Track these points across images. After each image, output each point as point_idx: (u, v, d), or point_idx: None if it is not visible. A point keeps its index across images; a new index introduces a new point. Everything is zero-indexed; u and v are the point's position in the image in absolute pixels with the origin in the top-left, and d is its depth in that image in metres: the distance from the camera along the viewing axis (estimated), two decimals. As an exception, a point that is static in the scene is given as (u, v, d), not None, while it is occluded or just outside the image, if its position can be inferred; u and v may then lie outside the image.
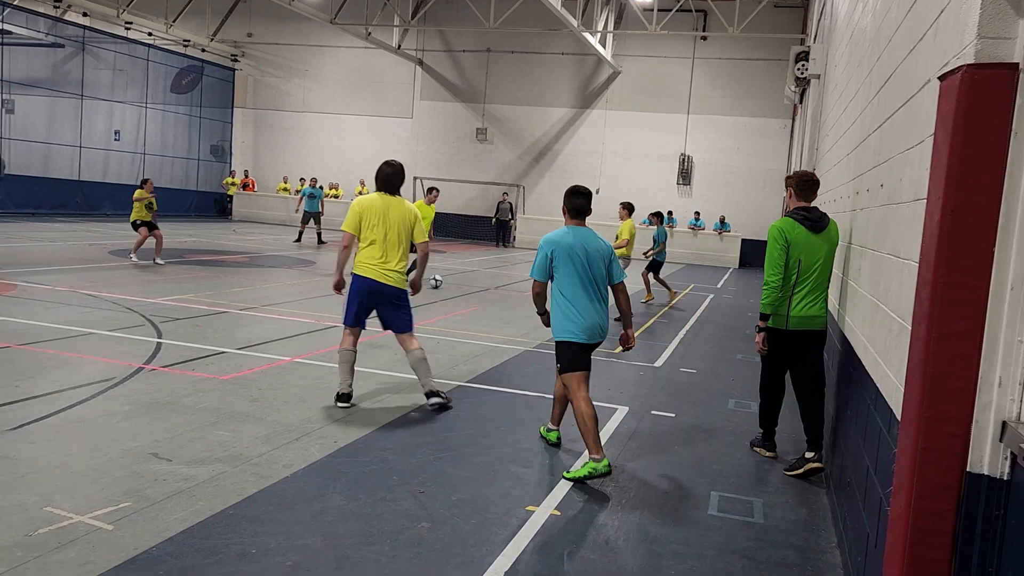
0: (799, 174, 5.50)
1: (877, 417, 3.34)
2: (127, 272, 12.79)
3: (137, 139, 28.80)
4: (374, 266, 6.06)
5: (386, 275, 6.09)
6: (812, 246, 5.25)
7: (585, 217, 5.37)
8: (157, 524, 3.73)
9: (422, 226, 6.30)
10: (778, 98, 24.78)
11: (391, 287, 6.13)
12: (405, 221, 6.18)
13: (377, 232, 6.08)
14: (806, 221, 5.27)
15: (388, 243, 6.09)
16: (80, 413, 5.35)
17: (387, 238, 6.09)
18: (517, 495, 4.50)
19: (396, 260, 6.13)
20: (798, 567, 3.89)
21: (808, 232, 5.25)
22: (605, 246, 5.29)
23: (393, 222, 6.12)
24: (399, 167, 6.33)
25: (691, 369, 8.55)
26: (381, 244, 6.08)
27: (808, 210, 5.32)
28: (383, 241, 6.08)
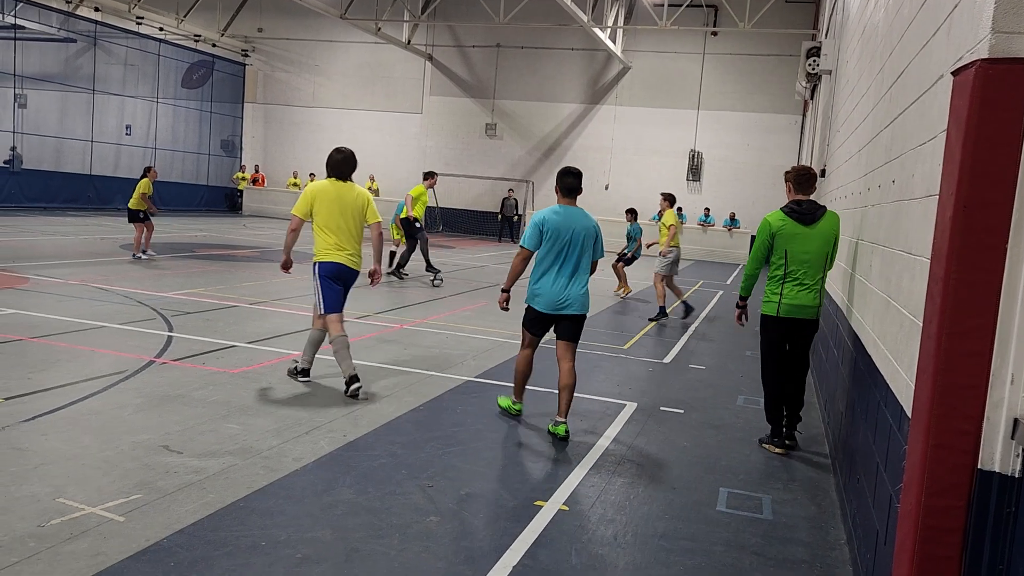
0: (796, 168, 5.69)
1: (887, 413, 3.33)
2: (138, 266, 12.86)
3: (148, 134, 28.93)
4: (339, 252, 6.24)
5: (351, 260, 6.31)
6: (801, 238, 5.46)
7: (575, 196, 5.79)
8: (168, 516, 3.76)
9: (374, 208, 6.49)
10: (789, 94, 24.66)
11: (355, 271, 6.35)
12: (357, 206, 6.34)
13: (332, 218, 6.23)
14: (794, 214, 5.49)
15: (343, 229, 6.27)
16: (92, 405, 5.39)
17: (342, 224, 6.26)
18: (526, 490, 4.51)
19: (354, 244, 6.34)
20: (807, 564, 3.89)
21: (797, 224, 5.46)
22: (592, 224, 5.72)
23: (346, 207, 6.27)
24: (349, 153, 6.42)
25: (700, 365, 8.53)
26: (336, 230, 6.24)
27: (799, 203, 5.53)
28: (338, 227, 6.25)
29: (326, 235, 6.23)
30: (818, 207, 5.54)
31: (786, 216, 5.51)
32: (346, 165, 6.39)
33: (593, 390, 7.03)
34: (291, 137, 32.51)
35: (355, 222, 6.32)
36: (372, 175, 30.13)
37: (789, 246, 5.45)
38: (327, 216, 6.21)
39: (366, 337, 8.49)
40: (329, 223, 6.22)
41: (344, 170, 6.38)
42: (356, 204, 6.32)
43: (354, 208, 6.30)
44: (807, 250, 5.44)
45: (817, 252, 5.46)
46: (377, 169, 30.61)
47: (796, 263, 5.46)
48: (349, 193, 6.32)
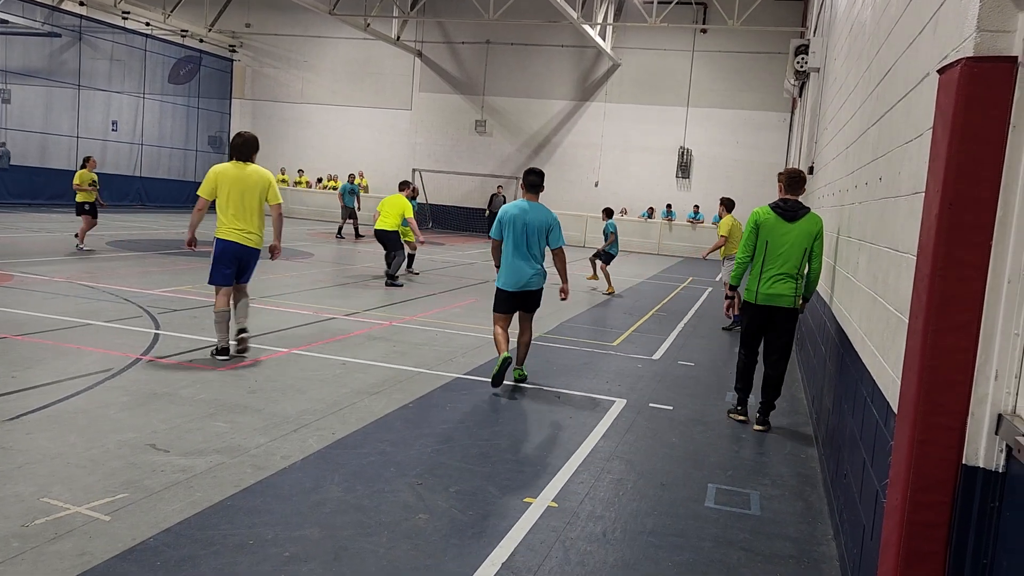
0: (788, 171, 6.24)
1: (874, 410, 3.34)
2: (124, 263, 12.78)
3: (135, 130, 28.72)
4: (236, 231, 6.82)
5: (247, 238, 6.87)
6: (780, 231, 5.96)
7: (537, 192, 6.87)
8: (154, 515, 3.73)
9: (275, 189, 7.03)
10: (777, 91, 24.74)
11: (251, 248, 6.94)
12: (259, 187, 6.89)
13: (233, 199, 6.78)
14: (778, 209, 6.02)
15: (244, 209, 6.83)
16: (77, 404, 5.35)
17: (243, 204, 6.82)
18: (515, 487, 4.51)
19: (254, 223, 6.91)
20: (794, 559, 3.91)
21: (779, 219, 5.99)
22: (546, 219, 6.76)
23: (248, 188, 6.83)
24: (250, 137, 7.02)
25: (689, 362, 8.56)
26: (237, 210, 6.80)
27: (785, 201, 6.07)
28: (239, 207, 6.80)
29: (225, 214, 6.81)
30: (801, 207, 6.03)
31: (771, 210, 6.05)
32: (247, 148, 6.95)
33: (582, 387, 7.04)
34: (279, 133, 32.35)
35: (255, 203, 6.88)
36: (361, 171, 30.05)
37: (769, 238, 5.99)
38: (227, 197, 6.77)
39: (355, 334, 8.47)
40: (229, 203, 6.78)
41: (245, 152, 6.93)
42: (259, 185, 6.87)
43: (255, 189, 6.84)
44: (784, 243, 5.95)
45: (793, 247, 5.94)
46: (366, 165, 30.55)
47: (773, 255, 6.00)
48: (251, 176, 6.86)
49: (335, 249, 18.52)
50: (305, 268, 14.29)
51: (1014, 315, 2.19)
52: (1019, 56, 2.19)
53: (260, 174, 6.95)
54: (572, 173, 28.96)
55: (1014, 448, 2.10)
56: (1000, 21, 2.23)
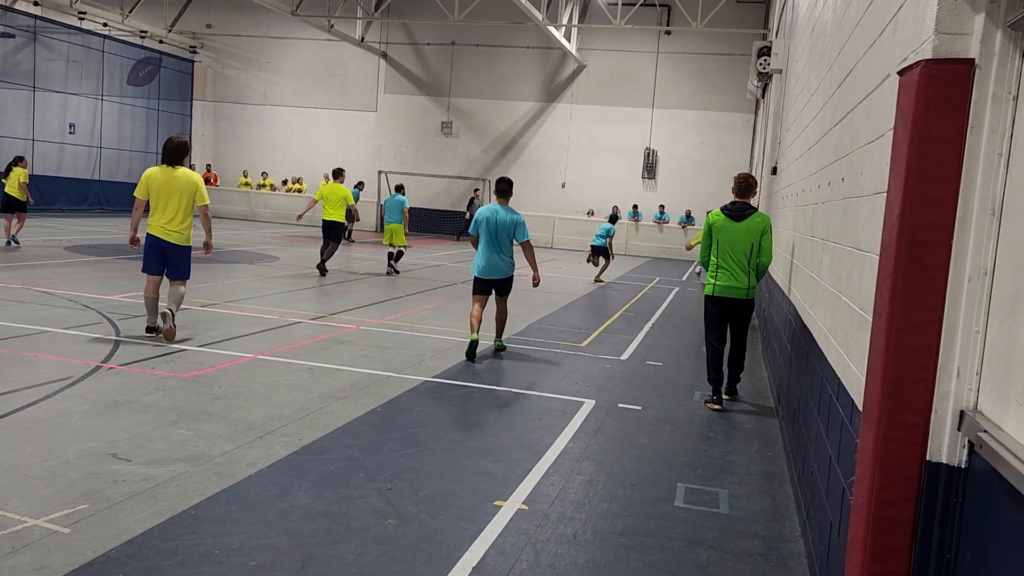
0: (738, 177, 6.97)
1: (839, 407, 3.38)
2: (83, 269, 12.50)
3: (93, 132, 28.12)
4: (161, 227, 7.72)
5: (168, 233, 7.74)
6: (729, 231, 6.70)
7: (507, 197, 8.28)
8: (116, 526, 3.65)
9: (203, 191, 7.89)
10: (741, 92, 25.04)
11: (172, 243, 7.79)
12: (187, 189, 7.71)
13: (161, 199, 7.65)
14: (727, 211, 6.77)
15: (170, 207, 7.68)
16: (35, 413, 5.21)
17: (169, 203, 7.67)
18: (484, 490, 4.48)
19: (175, 222, 7.74)
20: (763, 556, 3.94)
21: (727, 219, 6.73)
22: (513, 219, 8.17)
23: (175, 190, 7.65)
24: (180, 143, 7.83)
25: (657, 362, 8.61)
26: (163, 208, 7.67)
27: (734, 204, 6.80)
28: (166, 206, 7.67)
29: (153, 212, 7.73)
30: (748, 208, 6.76)
31: (721, 212, 6.80)
32: (177, 152, 7.77)
33: (551, 388, 7.04)
34: (242, 136, 31.95)
35: (181, 204, 7.70)
36: (326, 174, 29.76)
37: (720, 236, 6.75)
38: (156, 197, 7.66)
39: (322, 339, 8.38)
40: (157, 203, 7.68)
41: (174, 156, 7.74)
42: (187, 187, 7.71)
43: (183, 192, 7.68)
44: (732, 241, 6.68)
45: (740, 243, 6.67)
46: (331, 167, 30.26)
47: (724, 253, 6.73)
48: (179, 179, 7.69)
49: (300, 252, 18.33)
50: (270, 272, 14.11)
51: (975, 313, 2.23)
52: (976, 58, 2.23)
53: (188, 177, 7.75)
54: (539, 175, 29.02)
55: (976, 444, 2.13)
56: (957, 24, 2.26)
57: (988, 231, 2.22)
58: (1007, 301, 2.10)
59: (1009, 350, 2.05)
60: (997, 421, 2.08)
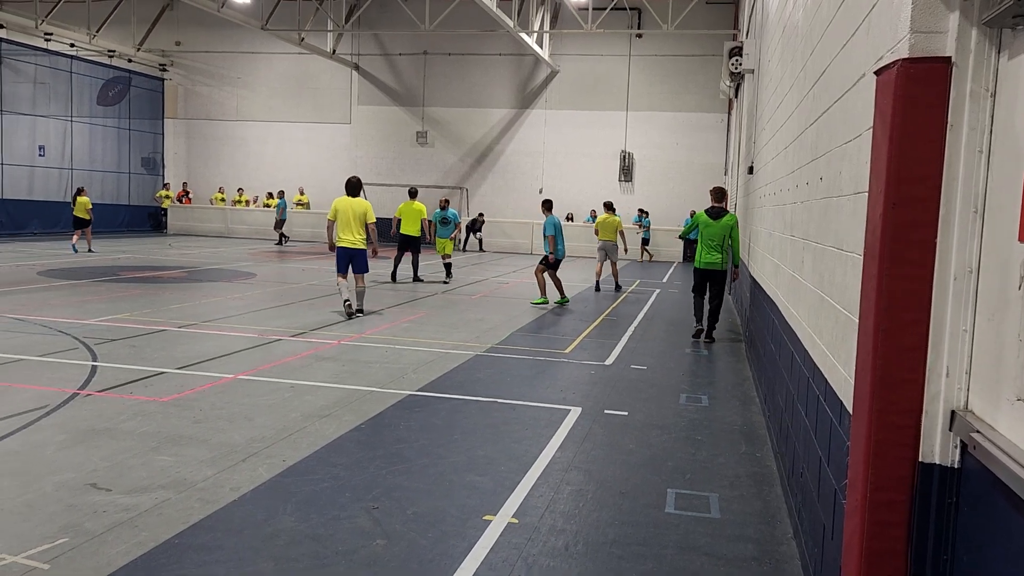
0: (714, 189, 10.71)
1: (827, 408, 3.37)
2: (57, 293, 12.30)
3: (63, 154, 27.79)
4: (348, 240, 10.83)
5: (353, 243, 10.86)
6: (710, 226, 10.26)
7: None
8: (98, 559, 3.55)
9: (371, 213, 10.96)
10: (714, 93, 25.23)
11: (357, 249, 10.90)
12: (361, 212, 10.82)
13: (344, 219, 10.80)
14: (709, 213, 10.34)
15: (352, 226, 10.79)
16: (9, 446, 5.09)
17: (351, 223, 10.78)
18: (473, 505, 4.43)
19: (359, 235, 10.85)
20: (756, 560, 3.91)
21: (709, 219, 10.28)
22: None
23: (355, 214, 10.77)
24: (358, 180, 11.17)
25: (641, 366, 8.59)
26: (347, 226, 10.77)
27: (712, 207, 10.37)
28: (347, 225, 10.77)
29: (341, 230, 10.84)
30: (723, 211, 10.34)
31: (705, 213, 10.38)
32: (355, 188, 11.12)
33: (536, 397, 7.00)
34: (215, 152, 31.70)
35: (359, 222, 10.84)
36: (301, 187, 29.63)
37: (704, 230, 10.29)
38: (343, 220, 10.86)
39: (302, 355, 8.29)
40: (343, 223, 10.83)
41: (353, 191, 11.13)
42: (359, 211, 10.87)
43: (357, 214, 10.81)
44: (712, 234, 10.24)
45: (716, 235, 10.21)
46: (306, 181, 30.15)
47: (705, 239, 10.28)
48: (356, 205, 10.88)
49: (277, 268, 18.17)
50: (248, 289, 13.97)
51: (962, 312, 2.22)
52: (952, 56, 2.22)
53: (361, 204, 10.91)
54: (516, 181, 29.05)
55: (968, 444, 2.11)
56: (932, 22, 2.26)
57: (972, 228, 2.20)
58: (994, 298, 2.09)
59: (998, 348, 2.04)
60: (989, 420, 2.06)
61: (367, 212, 10.92)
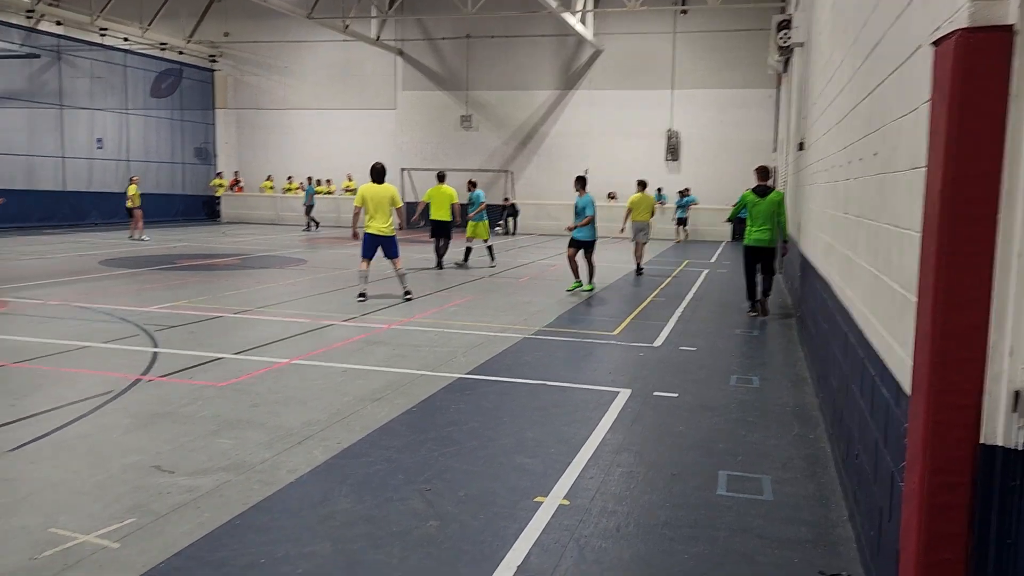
0: (758, 168, 10.78)
1: (883, 389, 3.30)
2: (118, 282, 12.70)
3: (120, 146, 28.55)
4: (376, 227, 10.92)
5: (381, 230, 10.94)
6: (757, 204, 10.41)
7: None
8: (164, 539, 3.69)
9: (397, 197, 10.98)
10: (761, 68, 24.66)
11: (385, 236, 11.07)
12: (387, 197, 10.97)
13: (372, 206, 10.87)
14: (755, 192, 10.45)
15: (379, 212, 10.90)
16: (79, 429, 5.29)
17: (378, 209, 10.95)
18: (524, 487, 4.46)
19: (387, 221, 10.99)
20: (811, 543, 3.87)
21: (756, 196, 10.43)
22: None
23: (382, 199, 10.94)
24: (382, 166, 11.07)
25: (690, 347, 8.52)
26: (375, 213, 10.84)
27: (759, 186, 10.49)
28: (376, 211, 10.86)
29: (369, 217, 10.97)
30: (768, 188, 10.45)
31: (752, 192, 10.50)
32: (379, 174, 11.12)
33: (584, 379, 7.00)
34: (264, 141, 32.19)
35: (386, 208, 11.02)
36: (349, 174, 29.92)
37: (751, 208, 10.45)
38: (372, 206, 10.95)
39: (354, 340, 8.42)
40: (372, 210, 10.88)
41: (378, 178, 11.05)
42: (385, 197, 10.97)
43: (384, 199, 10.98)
44: (759, 211, 10.39)
45: (765, 212, 10.34)
46: (353, 167, 30.39)
47: (753, 217, 10.44)
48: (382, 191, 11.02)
49: (327, 254, 18.45)
50: (299, 275, 14.22)
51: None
52: (1015, 24, 2.14)
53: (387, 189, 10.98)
54: (561, 163, 28.86)
55: (1033, 425, 2.06)
56: (993, -11, 2.17)
57: (1036, 203, 2.13)
58: (1060, 276, 2.02)
59: (1064, 327, 1.97)
60: (1055, 401, 2.00)
61: (394, 197, 10.97)
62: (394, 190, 11.16)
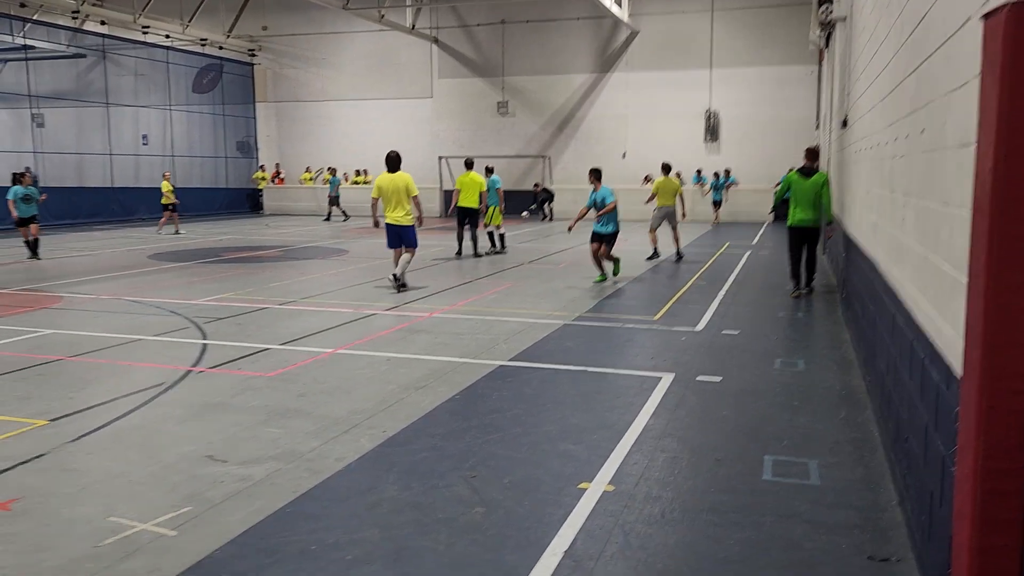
0: (808, 149, 10.83)
1: (933, 373, 3.24)
2: (167, 275, 13.00)
3: (164, 142, 29.15)
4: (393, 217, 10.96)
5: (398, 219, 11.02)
6: (802, 185, 10.42)
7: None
8: (218, 527, 3.79)
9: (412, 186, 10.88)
10: (802, 44, 24.15)
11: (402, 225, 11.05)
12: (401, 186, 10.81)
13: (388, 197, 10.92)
14: (800, 172, 10.52)
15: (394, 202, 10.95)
16: (135, 420, 5.46)
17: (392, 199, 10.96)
18: (569, 473, 4.49)
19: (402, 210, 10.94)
20: (859, 528, 3.83)
21: (801, 177, 10.47)
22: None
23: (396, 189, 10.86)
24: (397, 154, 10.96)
25: (733, 331, 8.43)
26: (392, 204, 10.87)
27: (804, 167, 10.54)
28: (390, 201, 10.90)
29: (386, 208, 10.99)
30: (813, 170, 10.52)
31: (797, 173, 10.57)
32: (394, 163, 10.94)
33: (626, 364, 6.99)
34: (303, 133, 32.55)
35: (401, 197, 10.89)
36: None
37: (795, 188, 10.45)
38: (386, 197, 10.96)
39: (396, 329, 8.51)
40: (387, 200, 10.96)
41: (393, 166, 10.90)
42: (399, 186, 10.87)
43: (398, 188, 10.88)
44: (804, 191, 10.40)
45: (809, 193, 10.38)
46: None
47: (797, 198, 10.43)
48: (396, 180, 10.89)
49: (368, 245, 18.63)
50: (341, 265, 14.39)
51: (1082, 269, 2.09)
52: (1069, -5, 2.07)
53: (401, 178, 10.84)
54: (599, 146, 28.68)
55: (1091, 408, 2.01)
56: (1046, -40, 2.10)
57: (1092, 181, 2.07)
58: (1118, 255, 1.96)
59: (1124, 307, 1.91)
60: (1114, 383, 1.95)
61: (408, 185, 10.73)
62: (408, 178, 10.93)
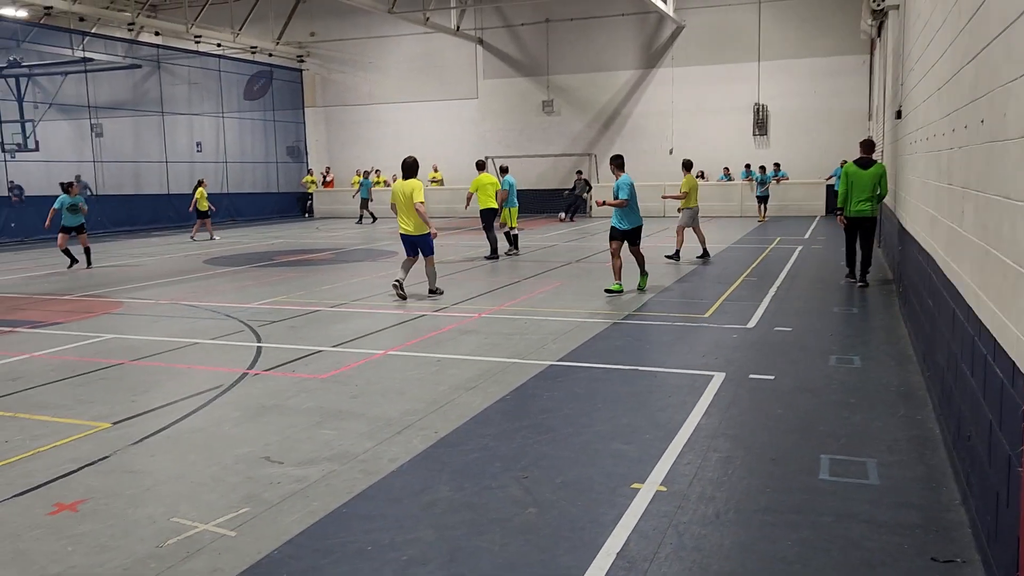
0: (863, 141, 10.88)
1: (997, 369, 3.15)
2: (221, 280, 13.32)
3: (217, 148, 29.87)
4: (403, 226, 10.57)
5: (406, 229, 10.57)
6: (860, 176, 10.60)
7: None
8: (276, 527, 3.88)
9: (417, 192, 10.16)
10: (853, 34, 23.60)
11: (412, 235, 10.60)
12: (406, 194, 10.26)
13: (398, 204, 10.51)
14: (858, 164, 10.67)
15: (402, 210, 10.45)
16: (194, 423, 5.61)
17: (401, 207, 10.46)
18: (621, 473, 4.47)
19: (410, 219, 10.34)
20: (922, 528, 3.74)
21: (858, 169, 10.63)
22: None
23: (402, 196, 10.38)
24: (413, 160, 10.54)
25: (786, 327, 8.29)
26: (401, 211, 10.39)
27: (861, 159, 10.68)
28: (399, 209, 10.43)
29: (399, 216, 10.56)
30: (871, 161, 10.64)
31: (854, 164, 10.72)
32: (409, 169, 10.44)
33: (677, 363, 6.93)
34: (352, 137, 33.00)
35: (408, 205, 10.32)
36: (435, 165, 30.33)
37: (853, 180, 10.61)
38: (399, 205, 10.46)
39: (445, 330, 8.58)
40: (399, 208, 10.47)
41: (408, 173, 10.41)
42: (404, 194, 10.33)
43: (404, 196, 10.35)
44: (862, 183, 10.57)
45: (867, 184, 10.56)
46: (439, 159, 30.79)
47: (856, 189, 10.61)
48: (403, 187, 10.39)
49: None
50: (390, 267, 14.54)
51: None
52: None
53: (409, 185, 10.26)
54: (645, 143, 28.45)
55: None
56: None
57: None
58: None
59: None
60: None
61: (414, 191, 9.86)
62: (416, 185, 10.23)
